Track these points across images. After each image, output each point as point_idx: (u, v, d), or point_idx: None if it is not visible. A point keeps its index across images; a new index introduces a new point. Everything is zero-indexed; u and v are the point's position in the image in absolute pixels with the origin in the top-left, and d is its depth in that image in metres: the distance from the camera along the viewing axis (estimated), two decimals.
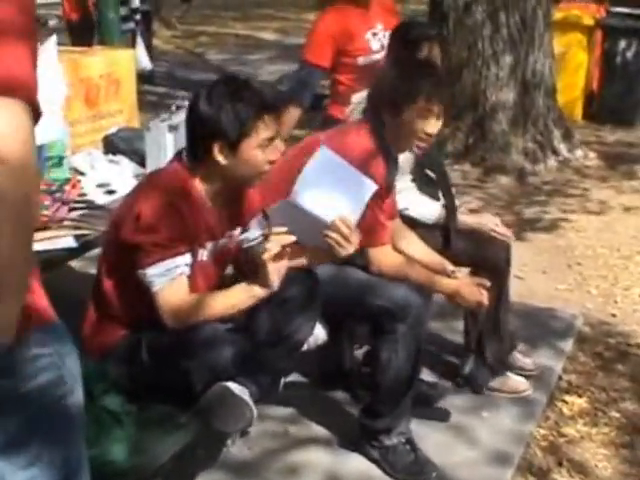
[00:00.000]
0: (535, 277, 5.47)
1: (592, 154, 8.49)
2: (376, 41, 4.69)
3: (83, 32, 9.73)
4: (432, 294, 3.66)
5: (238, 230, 3.13)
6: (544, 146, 8.13)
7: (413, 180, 3.97)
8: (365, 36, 4.68)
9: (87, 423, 2.09)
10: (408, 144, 3.45)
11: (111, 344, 2.94)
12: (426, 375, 4.03)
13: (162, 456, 2.73)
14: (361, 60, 4.68)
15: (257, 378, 2.88)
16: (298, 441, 3.68)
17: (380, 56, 4.67)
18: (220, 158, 2.84)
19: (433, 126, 3.38)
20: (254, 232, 3.16)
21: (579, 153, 8.37)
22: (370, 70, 4.63)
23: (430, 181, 4.03)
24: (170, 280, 2.79)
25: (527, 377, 4.14)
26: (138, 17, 10.47)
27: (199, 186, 2.91)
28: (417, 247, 3.68)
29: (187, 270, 2.85)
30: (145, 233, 2.76)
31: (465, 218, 4.06)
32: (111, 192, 3.67)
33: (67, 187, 3.53)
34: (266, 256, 2.83)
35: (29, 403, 1.80)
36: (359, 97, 4.03)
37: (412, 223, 3.83)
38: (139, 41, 10.35)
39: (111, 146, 4.09)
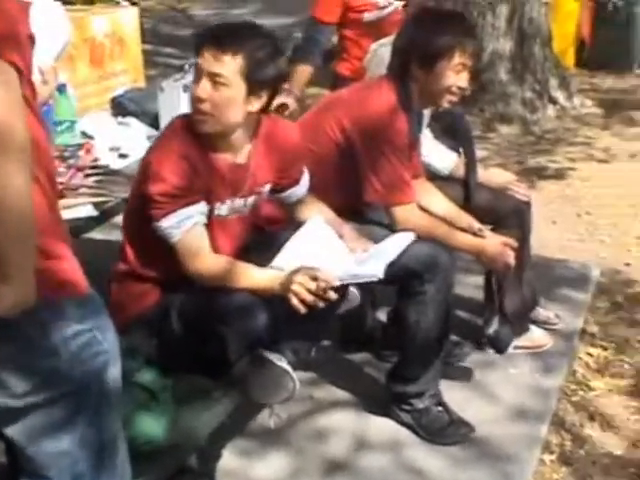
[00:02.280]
0: (546, 228, 5.38)
1: (589, 102, 8.43)
2: None
3: None
4: (457, 252, 3.57)
5: (267, 187, 3.02)
6: (542, 95, 8.07)
7: (430, 129, 3.87)
8: None
9: (123, 401, 2.02)
10: (439, 99, 3.35)
11: (138, 313, 2.84)
12: None
13: (201, 432, 2.64)
14: (367, 16, 4.60)
15: (293, 345, 2.79)
16: (324, 405, 3.60)
17: (387, 12, 4.58)
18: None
19: (465, 80, 3.30)
20: (292, 194, 3.09)
21: (576, 101, 8.32)
22: (376, 26, 4.56)
23: (448, 133, 3.94)
24: (186, 231, 2.71)
25: (550, 330, 4.08)
26: None
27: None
28: (440, 203, 3.59)
29: (203, 219, 2.76)
30: (155, 183, 2.67)
31: (484, 173, 3.97)
32: (124, 156, 3.55)
33: (81, 152, 3.41)
34: (296, 287, 2.70)
35: (71, 379, 1.77)
36: (376, 46, 3.94)
37: (429, 175, 3.74)
38: None
39: (120, 108, 3.95)
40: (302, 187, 3.16)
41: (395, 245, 3.11)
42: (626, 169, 6.65)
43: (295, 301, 2.68)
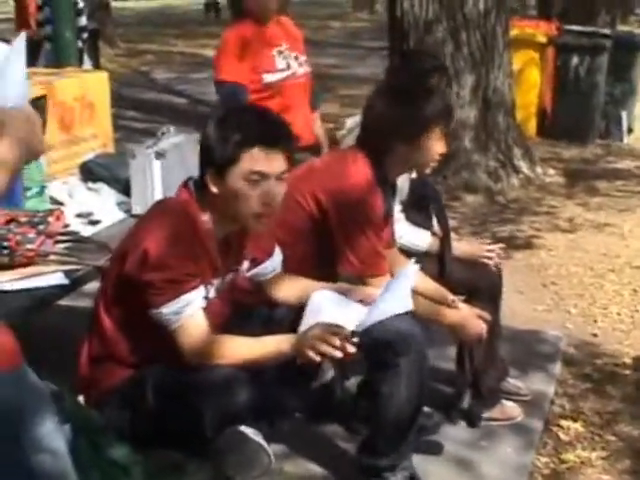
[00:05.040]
0: (513, 298, 5.36)
1: (552, 171, 8.51)
2: (281, 59, 4.75)
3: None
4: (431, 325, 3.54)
5: (245, 264, 2.99)
6: (505, 164, 8.13)
7: (403, 210, 3.87)
8: (270, 53, 4.72)
9: (95, 477, 1.97)
10: (424, 168, 3.48)
11: (112, 386, 2.77)
12: None
13: None
14: (267, 77, 4.69)
15: (269, 419, 2.73)
16: (295, 479, 3.53)
17: (286, 75, 4.73)
18: (212, 186, 2.72)
19: (444, 145, 3.41)
20: (268, 266, 3.05)
21: (539, 170, 8.38)
22: (277, 89, 4.66)
23: (422, 207, 3.94)
24: (188, 316, 2.65)
25: (520, 402, 4.05)
26: (85, 36, 10.26)
27: (205, 218, 2.76)
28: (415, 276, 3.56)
29: (203, 303, 2.71)
30: (155, 270, 2.60)
31: (457, 244, 3.97)
32: (95, 222, 3.51)
33: (50, 219, 3.34)
34: (312, 339, 2.66)
35: None
36: (352, 122, 3.94)
37: (405, 252, 3.73)
38: (86, 60, 10.16)
39: (89, 173, 3.91)
40: (277, 258, 3.13)
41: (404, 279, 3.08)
42: (590, 239, 6.70)
43: (311, 354, 2.62)
